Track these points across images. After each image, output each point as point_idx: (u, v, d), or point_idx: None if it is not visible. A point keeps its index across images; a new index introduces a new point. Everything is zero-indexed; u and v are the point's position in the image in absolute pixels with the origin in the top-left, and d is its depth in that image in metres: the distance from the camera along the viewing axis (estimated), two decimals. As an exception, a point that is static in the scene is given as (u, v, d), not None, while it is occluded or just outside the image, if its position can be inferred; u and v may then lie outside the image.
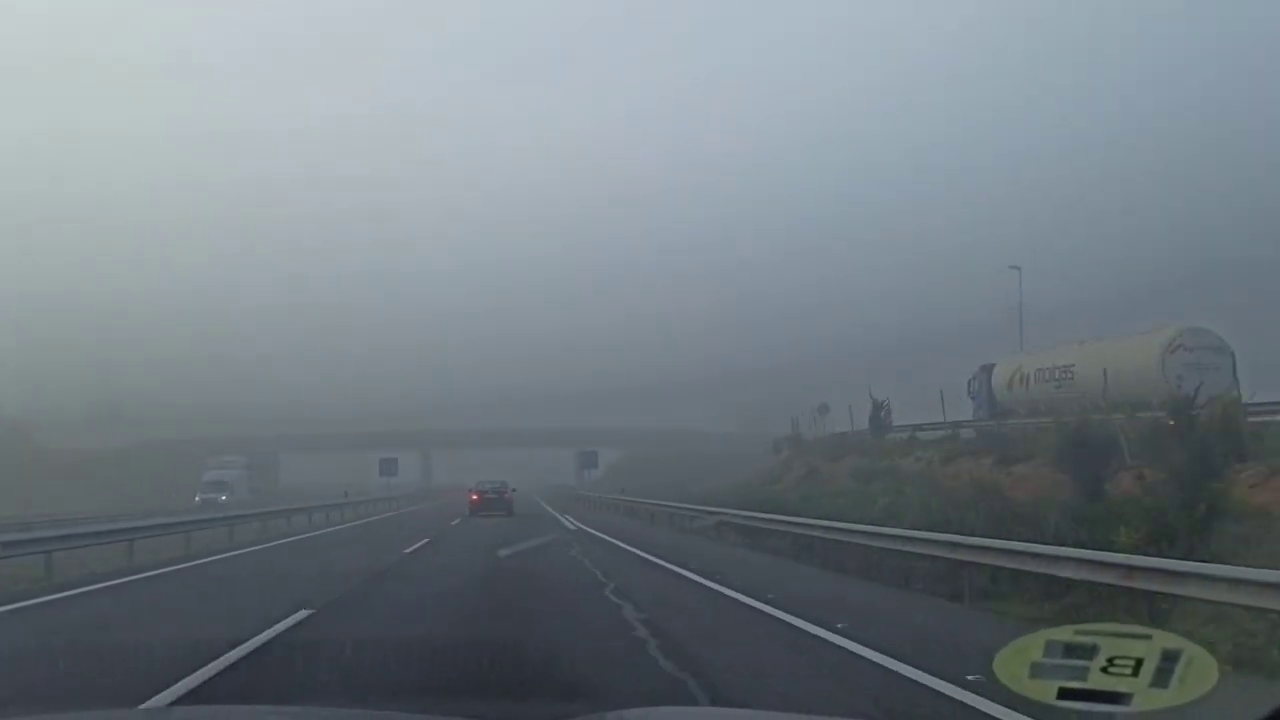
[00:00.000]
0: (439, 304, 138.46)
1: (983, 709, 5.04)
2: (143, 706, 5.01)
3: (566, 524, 28.07)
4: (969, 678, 5.58)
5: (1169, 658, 1.87)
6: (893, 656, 6.61)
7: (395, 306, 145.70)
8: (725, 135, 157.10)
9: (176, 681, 5.79)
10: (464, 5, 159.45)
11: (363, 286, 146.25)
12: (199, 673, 6.11)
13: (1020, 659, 1.97)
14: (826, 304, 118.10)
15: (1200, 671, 1.85)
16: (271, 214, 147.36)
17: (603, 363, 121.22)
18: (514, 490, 37.68)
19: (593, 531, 23.96)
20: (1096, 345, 28.04)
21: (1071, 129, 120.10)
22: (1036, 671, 1.95)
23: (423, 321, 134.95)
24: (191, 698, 5.52)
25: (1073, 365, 28.11)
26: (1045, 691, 1.91)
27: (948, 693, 5.56)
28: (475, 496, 35.91)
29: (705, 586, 11.58)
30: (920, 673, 6.08)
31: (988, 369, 33.48)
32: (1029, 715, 4.57)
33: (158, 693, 5.46)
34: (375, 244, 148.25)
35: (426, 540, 20.98)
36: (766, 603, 9.69)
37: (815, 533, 15.34)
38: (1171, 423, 16.07)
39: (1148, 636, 1.92)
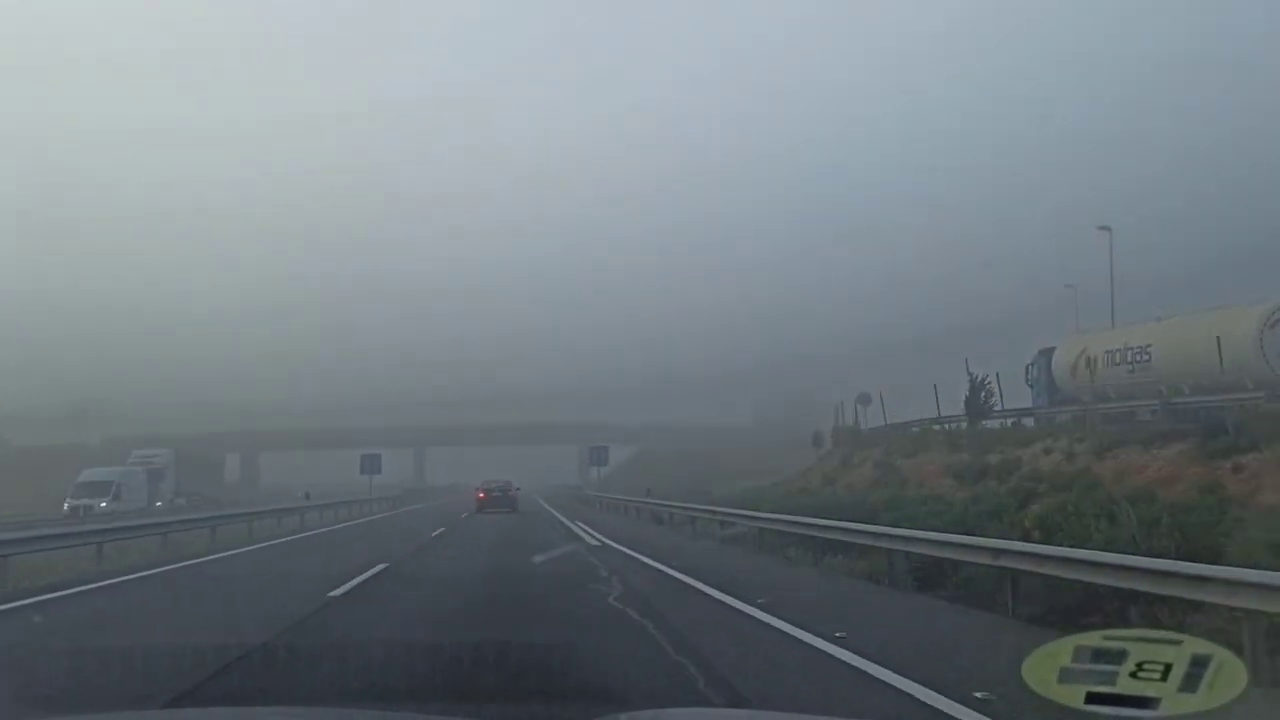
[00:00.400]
0: (435, 300, 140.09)
1: None
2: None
3: (583, 535, 22.12)
4: None
5: (1198, 663, 1.88)
6: None
7: (388, 302, 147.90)
8: (727, 126, 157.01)
9: None
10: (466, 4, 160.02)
11: (354, 283, 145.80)
12: None
13: (1050, 664, 1.99)
14: (836, 297, 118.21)
15: (1229, 677, 1.86)
16: (254, 212, 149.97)
17: (604, 359, 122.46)
18: (519, 489, 41.16)
19: (629, 552, 16.75)
20: (1178, 321, 25.22)
21: (1114, 93, 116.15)
22: (1066, 676, 1.97)
23: (417, 317, 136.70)
24: None
25: (1150, 345, 25.08)
26: (1074, 696, 1.94)
27: None
28: (482, 494, 39.38)
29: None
30: None
31: (1047, 353, 30.26)
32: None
33: None
34: (368, 241, 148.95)
35: (379, 569, 13.59)
36: None
37: (1005, 560, 8.82)
38: None
39: (1178, 642, 1.94)
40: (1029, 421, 28.36)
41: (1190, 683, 1.87)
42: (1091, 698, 1.93)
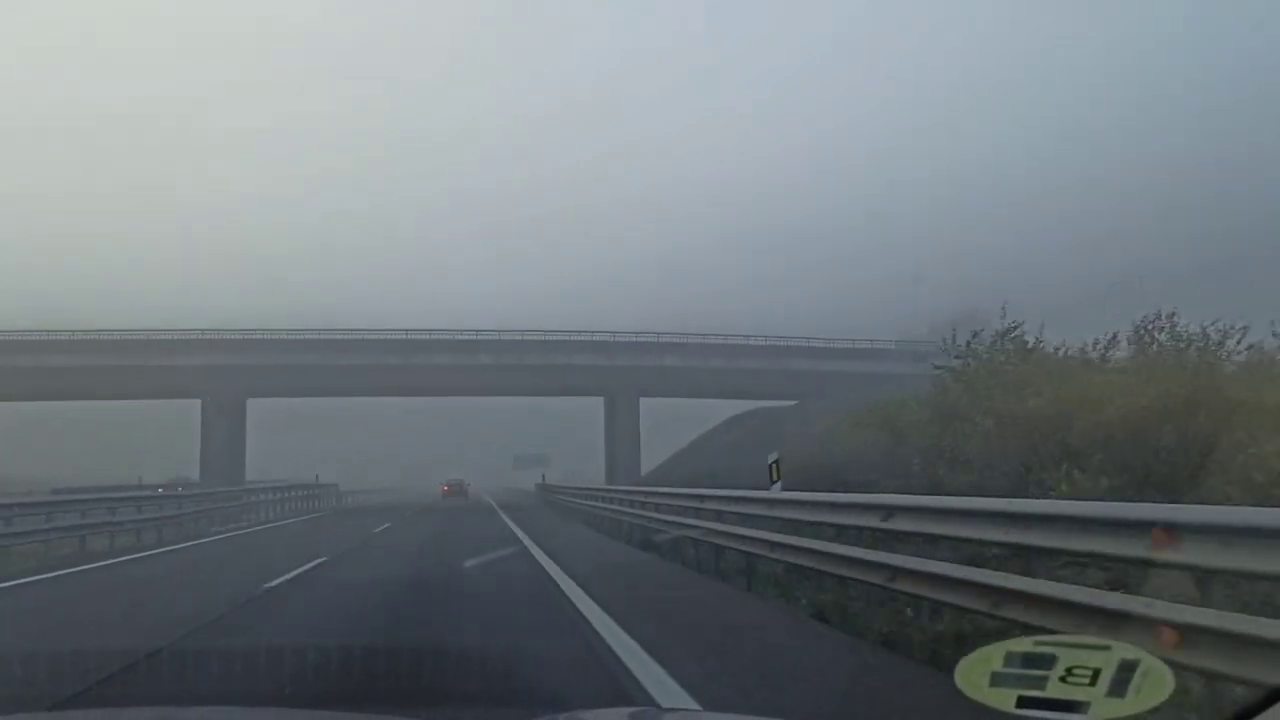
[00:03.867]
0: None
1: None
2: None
3: None
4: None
5: (1125, 668, 2.04)
6: None
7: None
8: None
9: None
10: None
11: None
12: None
13: (982, 668, 2.08)
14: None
15: (1156, 681, 1.97)
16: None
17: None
18: (470, 484, 55.98)
19: None
20: None
21: None
22: (997, 680, 2.07)
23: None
24: None
25: None
26: (1005, 699, 2.02)
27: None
28: (446, 488, 52.94)
29: None
30: None
31: None
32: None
33: None
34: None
35: None
36: None
37: None
38: None
39: (1106, 647, 2.05)
40: None
41: (1118, 687, 2.00)
42: (1023, 701, 2.00)
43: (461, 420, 63.62)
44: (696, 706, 5.20)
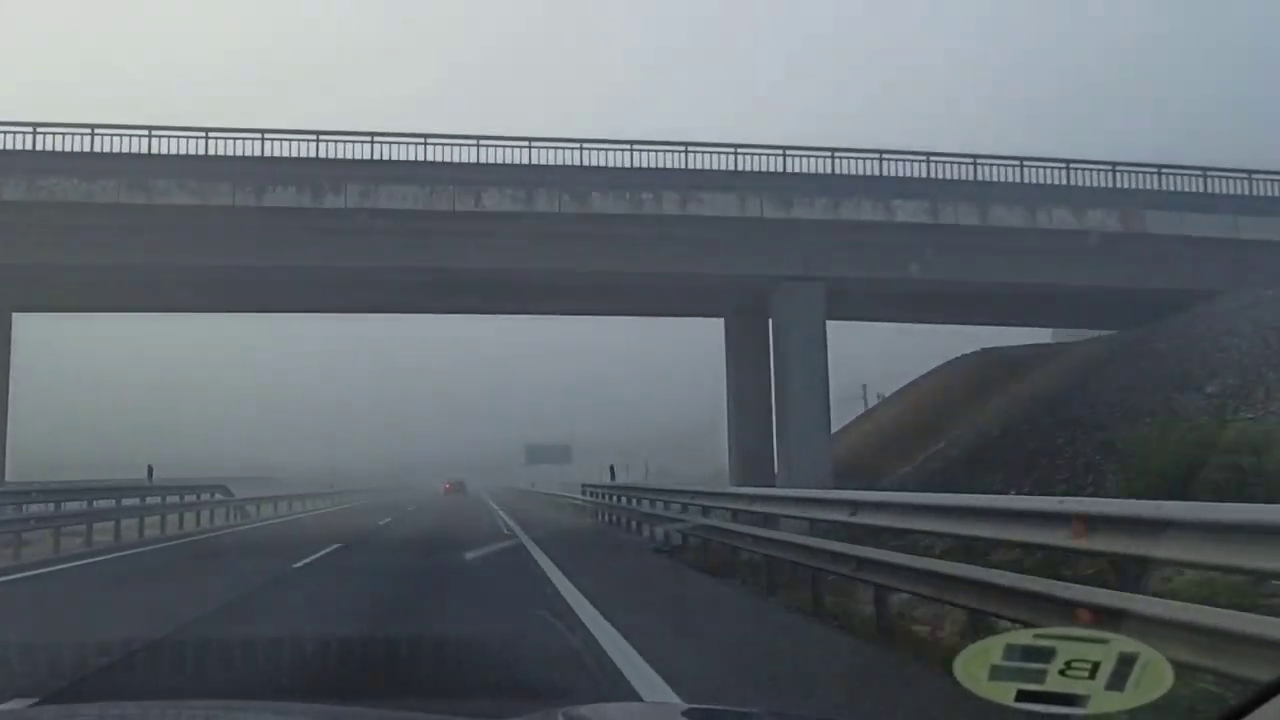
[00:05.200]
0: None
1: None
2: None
3: None
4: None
5: (1125, 661, 2.05)
6: None
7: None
8: None
9: None
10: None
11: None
12: None
13: (981, 661, 2.08)
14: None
15: (1155, 674, 2.03)
16: None
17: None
18: (466, 483, 62.80)
19: None
20: None
21: None
22: (996, 674, 2.11)
23: None
24: None
25: None
26: (1004, 692, 2.02)
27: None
28: (447, 486, 58.87)
29: None
30: None
31: None
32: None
33: None
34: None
35: None
36: None
37: None
38: None
39: (1105, 640, 2.06)
40: None
41: (1117, 681, 2.03)
42: (1022, 695, 2.06)
43: (459, 400, 59.79)
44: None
